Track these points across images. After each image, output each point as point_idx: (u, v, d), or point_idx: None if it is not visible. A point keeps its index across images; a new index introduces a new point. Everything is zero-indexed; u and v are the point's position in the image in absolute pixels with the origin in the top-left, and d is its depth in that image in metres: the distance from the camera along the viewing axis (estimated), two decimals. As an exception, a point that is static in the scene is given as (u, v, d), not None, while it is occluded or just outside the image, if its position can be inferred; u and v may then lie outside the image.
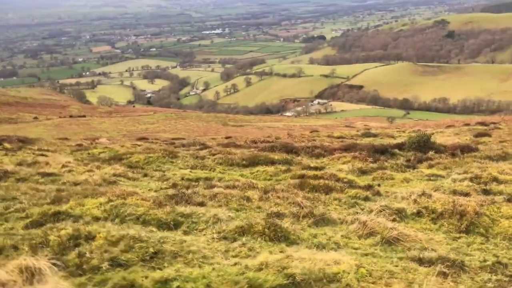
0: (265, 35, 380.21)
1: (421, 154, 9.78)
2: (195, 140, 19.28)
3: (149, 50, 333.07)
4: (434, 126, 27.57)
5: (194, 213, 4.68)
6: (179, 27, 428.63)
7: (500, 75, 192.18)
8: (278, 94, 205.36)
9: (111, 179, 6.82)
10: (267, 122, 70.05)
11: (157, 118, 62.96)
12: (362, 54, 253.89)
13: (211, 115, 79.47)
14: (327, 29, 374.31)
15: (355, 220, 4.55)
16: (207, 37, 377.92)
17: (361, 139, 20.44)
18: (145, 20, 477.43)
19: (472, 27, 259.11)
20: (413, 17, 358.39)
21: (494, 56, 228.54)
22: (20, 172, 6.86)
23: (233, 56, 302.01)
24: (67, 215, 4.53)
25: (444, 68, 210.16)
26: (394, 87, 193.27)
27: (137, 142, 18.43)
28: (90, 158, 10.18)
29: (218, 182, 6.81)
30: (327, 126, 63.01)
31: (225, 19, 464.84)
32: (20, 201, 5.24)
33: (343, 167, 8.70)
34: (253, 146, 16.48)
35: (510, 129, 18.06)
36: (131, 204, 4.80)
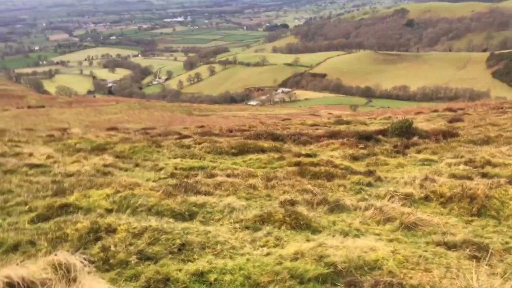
0: (228, 23, 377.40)
1: (406, 140, 9.92)
2: (168, 130, 18.92)
3: (109, 38, 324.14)
4: (402, 113, 28.12)
5: (207, 203, 4.55)
6: (140, 14, 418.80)
7: (457, 63, 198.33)
8: (242, 83, 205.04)
9: (105, 169, 6.57)
10: (232, 111, 69.78)
11: (120, 108, 61.52)
12: (325, 42, 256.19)
13: (175, 104, 78.40)
14: (290, 18, 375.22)
15: (370, 206, 4.54)
16: (169, 25, 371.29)
17: (334, 126, 20.62)
18: (104, 7, 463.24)
19: (430, 16, 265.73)
20: (374, 5, 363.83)
21: (451, 44, 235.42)
22: (7, 164, 6.50)
23: (196, 45, 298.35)
24: (75, 207, 4.31)
25: (404, 57, 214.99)
26: (357, 75, 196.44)
27: (108, 132, 17.92)
28: (71, 149, 9.80)
29: (217, 171, 6.67)
30: (292, 115, 63.34)
31: (187, 7, 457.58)
32: (17, 193, 4.95)
33: (334, 154, 8.72)
34: (230, 134, 16.36)
35: (479, 114, 18.64)
36: (141, 194, 4.62)
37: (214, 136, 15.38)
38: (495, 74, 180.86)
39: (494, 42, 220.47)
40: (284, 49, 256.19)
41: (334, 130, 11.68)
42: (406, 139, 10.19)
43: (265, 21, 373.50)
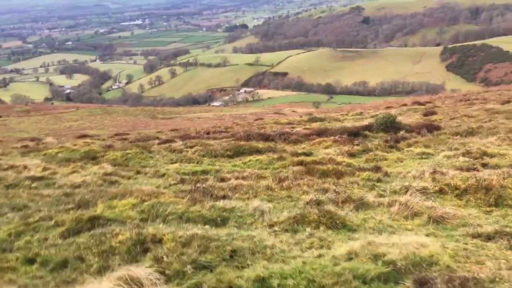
0: (187, 25, 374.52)
1: (394, 134, 10.15)
2: (145, 135, 18.59)
3: (65, 44, 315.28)
4: (371, 108, 28.73)
5: (235, 207, 4.52)
6: (96, 19, 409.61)
7: (412, 58, 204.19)
8: (204, 84, 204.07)
9: (110, 178, 6.40)
10: (196, 113, 69.30)
11: (80, 115, 59.92)
12: (284, 41, 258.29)
13: (138, 108, 77.12)
14: (248, 18, 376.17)
15: (394, 202, 4.63)
16: (127, 28, 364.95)
17: (309, 124, 20.83)
18: (58, 12, 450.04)
19: (385, 13, 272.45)
20: (330, 4, 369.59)
21: (406, 39, 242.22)
22: (8, 178, 6.23)
23: (156, 48, 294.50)
24: (105, 219, 4.19)
25: (362, 53, 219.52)
26: (317, 73, 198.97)
27: (84, 140, 17.46)
28: (58, 159, 9.50)
29: (226, 174, 6.61)
30: (257, 114, 63.59)
31: (145, 10, 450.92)
32: (37, 208, 4.76)
33: (330, 151, 8.82)
34: (212, 137, 16.29)
35: (448, 106, 19.27)
36: (168, 202, 4.54)
37: (193, 139, 15.27)
38: (449, 67, 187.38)
39: (447, 36, 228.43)
40: (244, 49, 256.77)
41: (321, 128, 11.82)
42: (394, 133, 10.43)
43: (224, 22, 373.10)
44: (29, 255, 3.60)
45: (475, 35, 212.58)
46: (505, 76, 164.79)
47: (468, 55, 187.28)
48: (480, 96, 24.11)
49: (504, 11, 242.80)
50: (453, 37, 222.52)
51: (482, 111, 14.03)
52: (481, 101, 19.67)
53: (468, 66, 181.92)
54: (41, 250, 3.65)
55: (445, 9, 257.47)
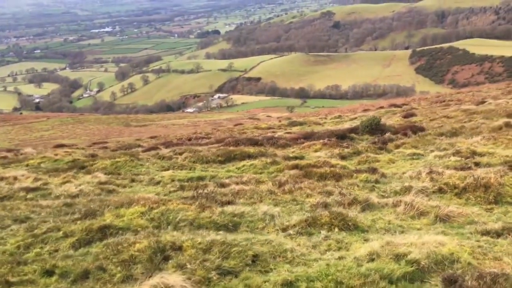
0: (159, 31, 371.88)
1: (381, 136, 10.33)
2: (125, 143, 18.32)
3: (33, 52, 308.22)
4: (348, 111, 29.13)
5: (244, 212, 4.52)
6: (65, 26, 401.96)
7: (383, 61, 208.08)
8: (177, 91, 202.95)
9: (108, 187, 6.30)
10: (171, 119, 68.85)
11: (51, 124, 58.74)
12: (257, 47, 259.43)
13: (111, 116, 76.12)
14: (220, 24, 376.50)
15: (399, 203, 4.71)
16: (97, 35, 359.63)
17: (290, 128, 21.00)
18: (25, 20, 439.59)
19: (355, 18, 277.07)
20: (301, 9, 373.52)
21: (376, 43, 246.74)
22: (1, 190, 6.06)
23: (127, 55, 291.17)
24: (115, 228, 4.12)
25: (334, 57, 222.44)
26: (290, 77, 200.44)
27: (57, 151, 17.11)
28: (44, 169, 9.29)
29: (225, 180, 6.59)
30: (232, 120, 63.70)
31: (115, 17, 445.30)
32: (41, 219, 4.64)
33: (320, 155, 8.90)
34: (195, 143, 16.22)
35: (425, 108, 19.72)
36: (176, 209, 4.50)
37: (177, 146, 15.18)
38: (418, 69, 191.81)
39: (415, 40, 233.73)
40: (217, 55, 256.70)
41: (308, 132, 11.92)
42: (380, 135, 10.61)
43: (196, 28, 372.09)
44: (46, 267, 3.52)
45: (442, 38, 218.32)
46: (471, 77, 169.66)
47: (436, 57, 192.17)
48: (454, 97, 24.77)
49: (469, 14, 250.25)
50: (421, 41, 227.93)
51: (460, 112, 14.42)
52: (456, 102, 20.20)
53: (436, 69, 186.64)
54: (58, 262, 3.57)
55: (412, 13, 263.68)
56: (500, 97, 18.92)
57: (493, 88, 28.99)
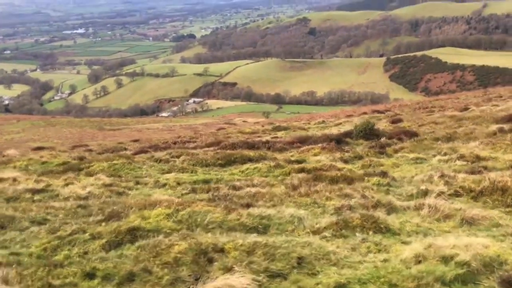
0: (133, 34, 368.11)
1: (376, 141, 10.42)
2: (111, 146, 17.96)
3: (2, 53, 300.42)
4: (331, 116, 29.37)
5: (271, 215, 4.45)
6: (36, 27, 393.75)
7: (358, 68, 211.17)
8: (152, 95, 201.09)
9: (117, 189, 6.12)
10: (145, 123, 68.10)
11: (22, 127, 57.19)
12: (233, 51, 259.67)
13: (84, 120, 74.75)
14: (196, 28, 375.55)
15: (422, 206, 4.72)
16: (69, 37, 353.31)
17: (274, 133, 21.01)
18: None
19: (330, 25, 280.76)
20: (277, 15, 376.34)
21: (351, 50, 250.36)
22: (6, 191, 5.80)
23: (100, 57, 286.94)
24: (144, 230, 3.99)
25: (309, 63, 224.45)
26: (266, 83, 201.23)
27: (42, 153, 16.64)
28: (39, 171, 8.98)
29: (236, 182, 6.50)
30: (207, 124, 63.39)
31: (88, 18, 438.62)
32: (62, 221, 4.44)
33: (320, 158, 8.89)
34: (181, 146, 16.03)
35: (409, 114, 20.06)
36: (203, 211, 4.39)
37: (164, 149, 14.98)
38: (392, 77, 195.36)
39: (389, 48, 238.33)
40: (192, 59, 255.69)
41: (302, 136, 11.93)
42: (375, 140, 10.71)
43: (171, 32, 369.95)
44: (86, 270, 3.37)
45: (415, 46, 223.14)
46: (444, 85, 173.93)
47: (409, 65, 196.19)
48: (435, 104, 25.28)
49: (441, 23, 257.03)
50: (395, 48, 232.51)
51: (446, 118, 14.70)
52: (439, 108, 20.62)
53: (409, 76, 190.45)
54: (97, 264, 3.43)
55: (387, 22, 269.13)
56: (482, 104, 19.42)
57: (470, 95, 29.72)
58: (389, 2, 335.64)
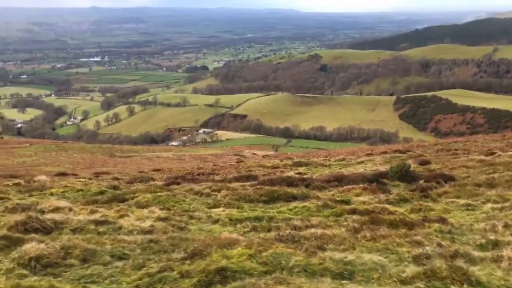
0: (148, 64, 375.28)
1: (414, 183, 10.42)
2: (138, 175, 18.10)
3: (19, 77, 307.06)
4: (349, 154, 29.31)
5: (352, 260, 4.43)
6: (54, 53, 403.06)
7: (367, 106, 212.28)
8: (163, 124, 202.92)
9: (179, 224, 6.14)
10: (156, 152, 68.40)
11: (34, 150, 57.69)
12: (244, 84, 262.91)
13: (95, 146, 75.33)
14: (209, 60, 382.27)
15: (501, 258, 4.67)
16: (85, 64, 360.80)
17: (296, 168, 20.98)
18: (14, 45, 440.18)
19: (341, 62, 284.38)
20: (289, 51, 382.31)
21: (362, 88, 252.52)
22: (71, 222, 5.84)
23: (114, 85, 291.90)
24: (231, 271, 3.99)
25: (320, 99, 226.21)
26: (276, 116, 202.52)
27: (70, 180, 16.78)
28: (83, 201, 9.05)
29: (297, 222, 6.49)
30: (217, 155, 63.57)
31: (105, 47, 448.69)
32: (145, 257, 4.45)
33: (364, 199, 8.88)
34: (204, 179, 16.08)
35: (433, 156, 20.02)
36: (286, 253, 4.40)
37: (192, 181, 15.03)
38: (402, 116, 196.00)
39: (399, 87, 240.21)
40: (204, 90, 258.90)
41: (337, 174, 11.96)
42: (411, 182, 10.71)
43: (185, 63, 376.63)
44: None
45: (425, 87, 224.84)
46: (454, 126, 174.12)
47: (419, 105, 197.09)
48: (454, 146, 25.21)
49: (452, 65, 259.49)
50: (405, 88, 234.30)
51: (476, 162, 14.67)
52: (463, 152, 20.62)
53: (419, 116, 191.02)
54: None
55: (397, 61, 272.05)
56: (506, 149, 19.39)
57: (488, 139, 29.59)
58: (400, 42, 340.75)
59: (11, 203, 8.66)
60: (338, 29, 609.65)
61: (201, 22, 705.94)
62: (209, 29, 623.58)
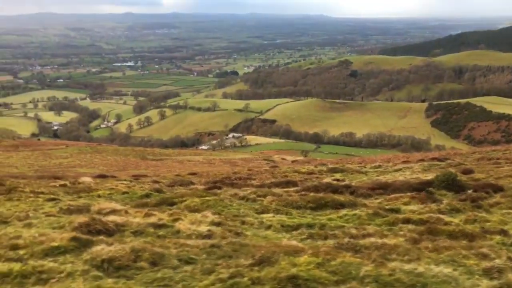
0: (179, 69, 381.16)
1: (462, 193, 10.20)
2: (178, 179, 18.37)
3: (56, 81, 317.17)
4: (384, 160, 28.90)
5: (421, 272, 4.36)
6: (89, 58, 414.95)
7: (398, 112, 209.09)
8: (193, 128, 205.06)
9: (237, 230, 6.18)
10: (186, 155, 69.14)
11: (70, 152, 59.14)
12: (274, 89, 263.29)
13: (128, 148, 76.72)
14: (239, 65, 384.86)
15: None
16: (119, 69, 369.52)
17: (331, 174, 20.82)
18: (51, 50, 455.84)
19: (372, 68, 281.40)
20: (319, 56, 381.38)
21: (392, 94, 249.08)
22: (131, 225, 5.99)
23: (146, 89, 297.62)
24: (303, 279, 4.00)
25: (349, 105, 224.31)
26: (305, 122, 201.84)
27: (112, 182, 17.14)
28: (133, 203, 9.24)
29: (352, 229, 6.46)
30: (246, 160, 63.70)
31: (138, 52, 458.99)
32: (212, 262, 4.51)
33: (414, 208, 8.74)
34: (243, 184, 16.14)
35: (474, 165, 19.54)
36: (354, 263, 4.37)
37: (231, 186, 15.08)
38: (434, 123, 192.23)
39: (432, 94, 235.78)
40: (234, 95, 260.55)
41: (382, 182, 11.82)
42: (458, 192, 10.47)
43: (215, 68, 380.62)
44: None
45: (459, 93, 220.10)
46: (488, 134, 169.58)
47: (452, 112, 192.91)
48: (495, 155, 24.56)
49: (486, 72, 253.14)
50: (438, 95, 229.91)
51: (522, 172, 14.26)
52: (505, 161, 20.05)
53: (452, 123, 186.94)
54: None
55: (430, 67, 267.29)
56: (553, 159, 18.76)
57: (530, 148, 28.72)
58: (433, 48, 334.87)
59: (63, 204, 8.92)
60: (369, 35, 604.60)
61: (232, 27, 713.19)
62: (240, 34, 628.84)
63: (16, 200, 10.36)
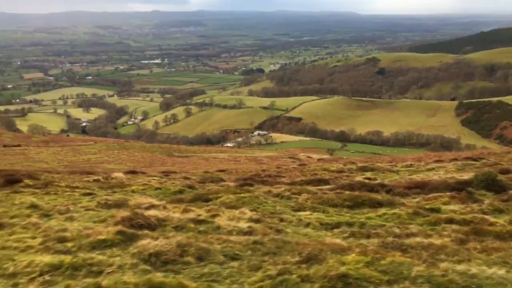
0: (205, 66, 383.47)
1: (504, 193, 9.92)
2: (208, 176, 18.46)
3: (85, 78, 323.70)
4: (415, 160, 28.40)
5: (475, 274, 4.23)
6: (117, 56, 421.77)
7: (427, 111, 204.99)
8: (218, 125, 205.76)
9: (277, 227, 6.14)
10: (212, 153, 69.36)
11: (98, 148, 60.08)
12: (300, 87, 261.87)
13: (154, 145, 77.54)
14: (265, 63, 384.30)
15: None
16: (146, 66, 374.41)
17: (362, 173, 20.57)
18: (81, 47, 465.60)
19: (400, 65, 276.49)
20: (346, 54, 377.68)
21: (421, 92, 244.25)
22: (172, 220, 6.02)
23: (173, 86, 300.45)
24: (353, 278, 3.93)
25: (377, 103, 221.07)
26: (331, 120, 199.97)
27: (145, 178, 17.34)
28: (168, 199, 9.31)
29: (396, 228, 6.34)
30: (272, 158, 63.51)
31: (164, 50, 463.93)
32: (258, 259, 4.49)
33: (455, 208, 8.54)
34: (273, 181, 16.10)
35: (510, 164, 18.98)
36: (405, 263, 4.27)
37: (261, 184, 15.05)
38: (464, 122, 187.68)
39: (462, 92, 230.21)
40: (260, 93, 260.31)
41: (419, 181, 11.58)
42: (499, 192, 10.18)
43: (241, 65, 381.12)
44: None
45: (490, 92, 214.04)
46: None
47: (483, 111, 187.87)
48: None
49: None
50: (468, 93, 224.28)
51: None
52: (545, 161, 19.41)
53: (483, 122, 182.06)
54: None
55: (460, 65, 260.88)
56: None
57: None
58: (464, 45, 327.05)
59: (100, 198, 9.07)
60: (397, 32, 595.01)
61: (258, 25, 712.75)
62: (266, 32, 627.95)
63: (53, 194, 10.62)
